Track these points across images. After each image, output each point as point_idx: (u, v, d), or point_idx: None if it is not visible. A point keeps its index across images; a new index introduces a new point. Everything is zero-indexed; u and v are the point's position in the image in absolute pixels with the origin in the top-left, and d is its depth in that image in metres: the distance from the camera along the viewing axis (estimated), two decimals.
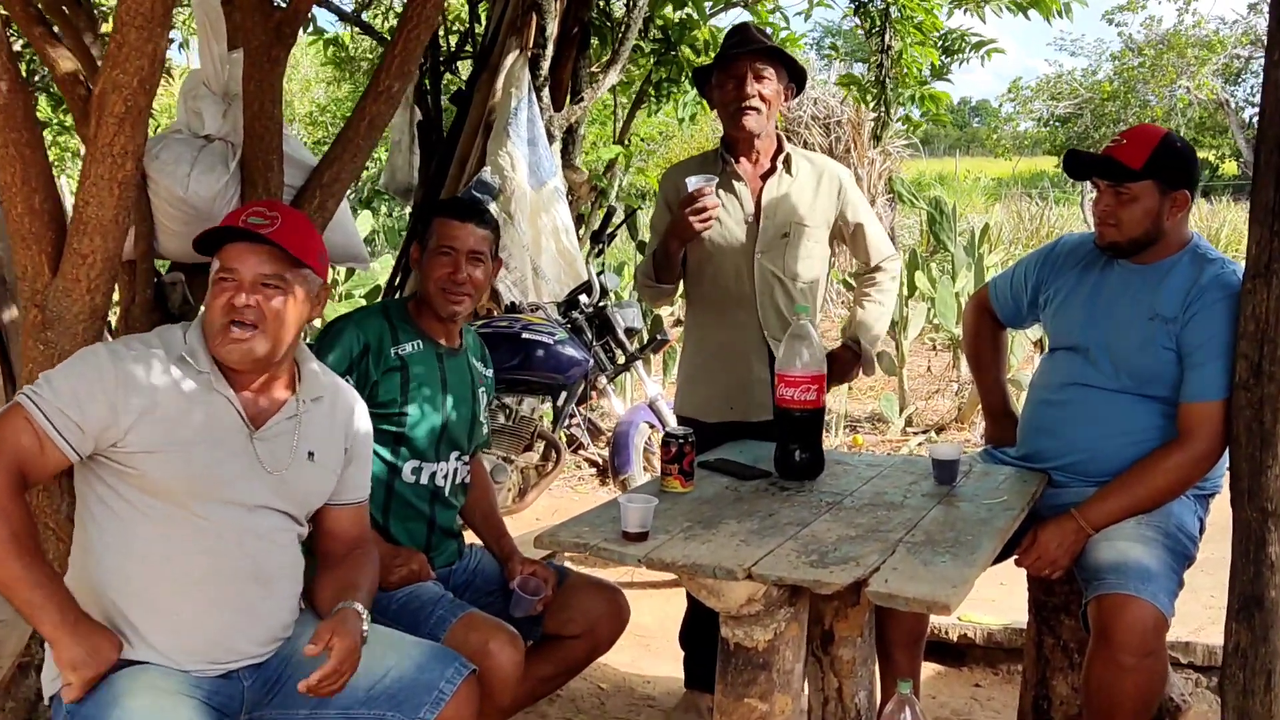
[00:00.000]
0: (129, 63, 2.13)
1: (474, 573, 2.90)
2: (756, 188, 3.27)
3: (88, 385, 2.05)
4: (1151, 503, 2.67)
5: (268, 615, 2.23)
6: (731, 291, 3.23)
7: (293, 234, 2.18)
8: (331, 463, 2.34)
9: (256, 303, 2.14)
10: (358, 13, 6.89)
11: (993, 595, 3.71)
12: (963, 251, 8.48)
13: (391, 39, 2.73)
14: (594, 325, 5.08)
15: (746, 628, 2.25)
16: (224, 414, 2.17)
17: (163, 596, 2.11)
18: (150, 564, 2.11)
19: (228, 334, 2.13)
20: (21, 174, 2.26)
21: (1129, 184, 2.68)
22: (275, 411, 2.25)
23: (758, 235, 3.22)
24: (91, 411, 2.04)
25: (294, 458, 2.25)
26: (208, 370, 2.16)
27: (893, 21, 5.18)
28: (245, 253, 2.15)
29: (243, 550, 2.17)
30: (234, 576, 2.16)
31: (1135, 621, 2.45)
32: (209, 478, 2.13)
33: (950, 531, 2.38)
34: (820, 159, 3.44)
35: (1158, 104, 24.58)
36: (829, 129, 13.18)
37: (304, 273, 2.22)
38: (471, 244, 2.76)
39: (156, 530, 2.11)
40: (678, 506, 2.55)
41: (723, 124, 3.33)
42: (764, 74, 3.21)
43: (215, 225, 2.25)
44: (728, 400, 3.27)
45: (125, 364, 2.09)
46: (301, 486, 2.27)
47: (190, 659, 2.13)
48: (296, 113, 20.54)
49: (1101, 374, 2.77)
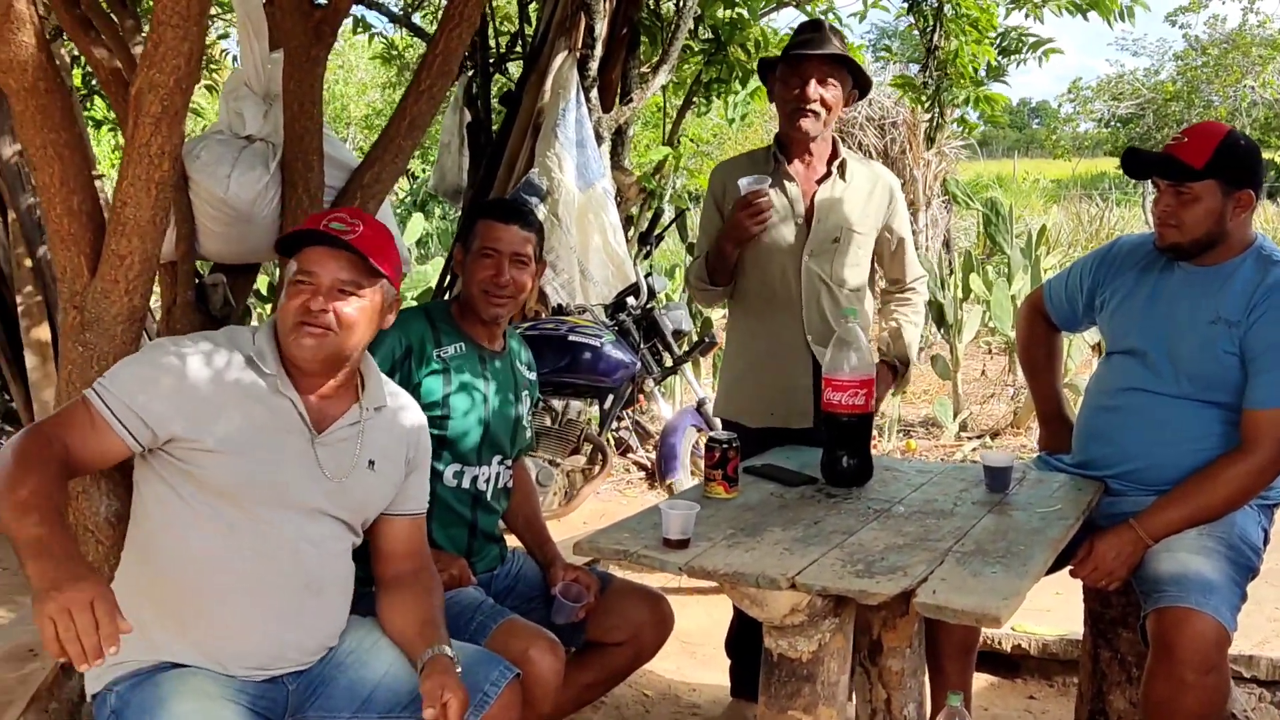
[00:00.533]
0: (165, 62, 2.12)
1: (516, 578, 2.87)
2: (810, 190, 3.20)
3: (153, 378, 2.07)
4: (1213, 513, 2.58)
5: (317, 624, 2.22)
6: (777, 293, 3.17)
7: (373, 243, 2.19)
8: (392, 473, 2.32)
9: (332, 307, 2.15)
10: (407, 14, 6.91)
11: (1048, 605, 3.62)
12: (1019, 254, 8.34)
13: (433, 39, 2.70)
14: (641, 328, 5.05)
15: (790, 638, 2.19)
16: (287, 417, 2.17)
17: (214, 599, 2.10)
18: (205, 566, 2.10)
19: (300, 331, 2.14)
20: (60, 175, 2.25)
21: (1190, 184, 2.59)
22: (338, 418, 2.25)
23: (807, 238, 3.16)
24: (155, 404, 2.05)
25: (355, 465, 2.24)
26: (274, 372, 2.17)
27: (946, 20, 5.09)
28: (325, 257, 2.16)
29: (297, 557, 2.16)
30: (287, 583, 2.15)
31: (1197, 636, 2.37)
32: (268, 480, 2.13)
33: (1002, 541, 2.31)
34: (874, 166, 3.37)
35: (1222, 104, 24.16)
36: (884, 130, 13.07)
37: (380, 282, 2.22)
38: (515, 246, 2.73)
39: (213, 531, 2.10)
40: (721, 513, 2.49)
41: (779, 120, 3.26)
42: (829, 79, 3.13)
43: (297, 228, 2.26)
44: (769, 406, 3.22)
45: (192, 360, 2.11)
46: (360, 495, 2.26)
47: (237, 663, 2.12)
48: (353, 116, 20.75)
49: (1161, 379, 2.69)
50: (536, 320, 4.87)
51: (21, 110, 2.19)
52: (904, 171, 12.57)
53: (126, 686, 2.08)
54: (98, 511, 2.37)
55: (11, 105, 2.21)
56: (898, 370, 3.32)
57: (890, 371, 3.31)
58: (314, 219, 2.22)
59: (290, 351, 2.17)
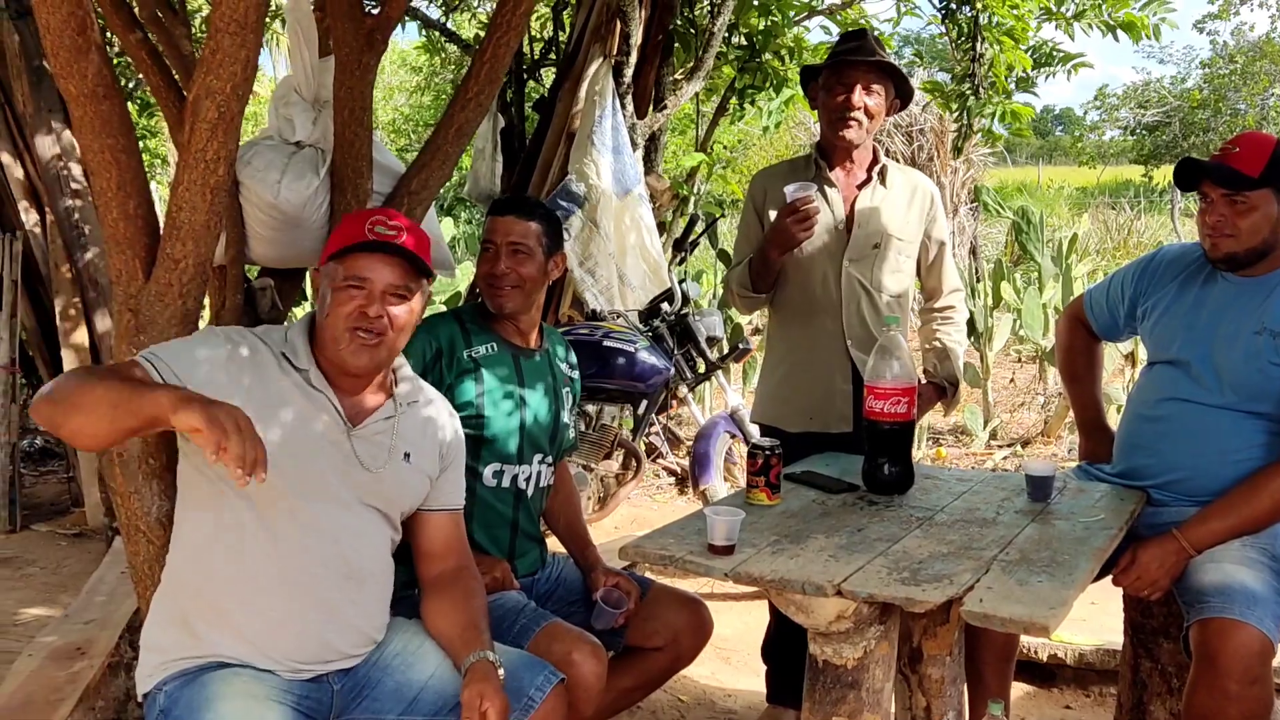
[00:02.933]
0: (222, 69, 2.15)
1: (557, 582, 2.88)
2: (850, 196, 3.21)
3: (202, 355, 2.11)
4: (1258, 524, 2.57)
5: (359, 615, 2.23)
6: (818, 299, 3.18)
7: (419, 246, 2.23)
8: (427, 466, 2.34)
9: (386, 312, 2.18)
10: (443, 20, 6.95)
11: (1084, 614, 3.62)
12: (1050, 262, 8.31)
13: (480, 46, 2.72)
14: (675, 333, 5.05)
15: (835, 645, 2.20)
16: (323, 410, 2.20)
17: (258, 592, 2.13)
18: (247, 560, 2.13)
19: (355, 338, 2.17)
20: (117, 179, 2.28)
21: (1247, 192, 2.59)
22: (373, 412, 2.27)
23: (848, 244, 3.17)
24: (202, 374, 2.08)
25: (390, 457, 2.26)
26: (308, 367, 2.20)
27: (983, 28, 5.09)
28: (376, 262, 2.19)
29: (337, 547, 2.18)
30: (328, 573, 2.18)
31: (1241, 647, 2.36)
32: (307, 472, 2.15)
33: (1046, 550, 2.31)
34: (913, 173, 3.37)
35: (1249, 112, 24.02)
36: (911, 137, 13.07)
37: (423, 283, 2.27)
38: (511, 236, 2.73)
39: (254, 525, 2.13)
40: (764, 520, 2.50)
41: (821, 127, 3.27)
42: (874, 87, 3.14)
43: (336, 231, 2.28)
44: (808, 411, 3.22)
45: (238, 345, 2.16)
46: (396, 486, 2.28)
47: (283, 657, 2.14)
48: (380, 121, 20.82)
49: (1204, 389, 2.68)
50: (571, 326, 4.89)
51: (81, 115, 2.22)
52: (932, 178, 12.55)
53: (175, 686, 2.10)
54: (149, 512, 2.40)
55: (71, 110, 2.24)
56: (946, 391, 3.32)
57: (938, 392, 3.31)
58: (354, 223, 2.23)
59: (342, 358, 2.19)
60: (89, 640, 3.07)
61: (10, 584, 4.64)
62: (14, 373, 5.46)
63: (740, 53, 6.31)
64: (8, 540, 5.23)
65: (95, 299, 5.41)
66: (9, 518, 5.36)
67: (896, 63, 3.24)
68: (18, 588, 4.60)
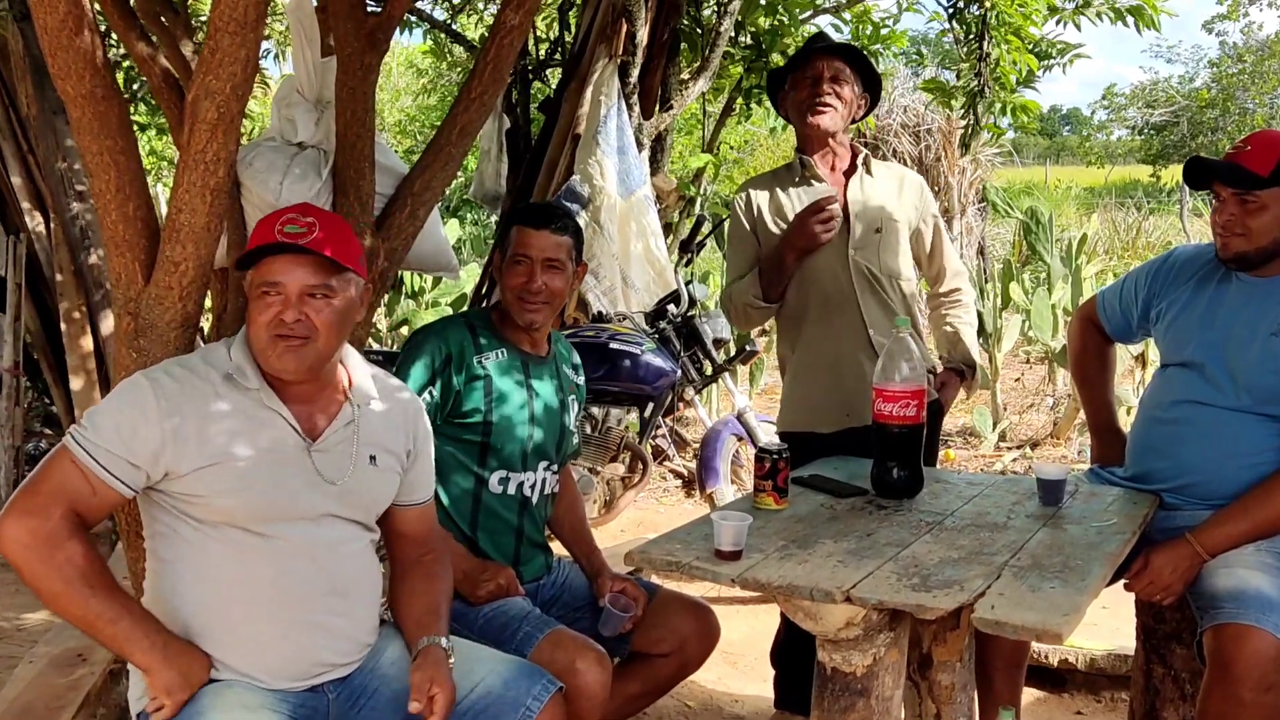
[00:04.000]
0: (222, 69, 2.12)
1: (562, 588, 2.85)
2: (840, 186, 3.20)
3: (131, 418, 2.01)
4: (1272, 528, 2.54)
5: (349, 627, 2.20)
6: (831, 295, 3.14)
7: (333, 239, 2.10)
8: (394, 464, 2.28)
9: (305, 315, 2.08)
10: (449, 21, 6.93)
11: (1095, 619, 3.56)
12: (1059, 263, 8.28)
13: (484, 46, 2.70)
14: (682, 336, 5.03)
15: (844, 652, 2.17)
16: (278, 430, 2.12)
17: (240, 618, 2.08)
18: (223, 587, 2.08)
19: (277, 344, 2.07)
20: (116, 181, 2.26)
21: (1257, 192, 2.56)
22: (331, 420, 2.19)
23: (849, 234, 3.14)
24: (140, 445, 2.00)
25: (354, 464, 2.19)
26: (257, 386, 2.11)
27: (990, 27, 5.06)
28: (287, 265, 2.07)
29: (316, 565, 2.13)
30: (310, 592, 2.13)
31: (1255, 653, 2.32)
32: (269, 497, 2.08)
33: (1058, 555, 2.28)
34: (895, 166, 3.41)
35: (1258, 111, 23.96)
36: (919, 137, 13.01)
37: (348, 277, 2.14)
38: (547, 251, 2.71)
39: (225, 554, 2.07)
40: (771, 525, 2.47)
41: (795, 125, 3.28)
42: (841, 75, 3.16)
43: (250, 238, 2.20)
44: (844, 407, 3.16)
45: (168, 391, 2.04)
46: (365, 493, 2.22)
47: (274, 677, 2.11)
48: (386, 122, 20.84)
49: (1218, 392, 2.65)
50: (577, 328, 4.86)
51: (79, 117, 2.19)
52: (939, 179, 12.51)
53: None
54: None
55: (69, 112, 2.22)
56: (964, 374, 3.29)
57: (957, 376, 3.29)
58: (265, 224, 2.12)
59: (270, 366, 2.11)
60: (90, 647, 3.05)
61: (13, 588, 4.62)
62: (18, 375, 5.45)
63: (747, 53, 6.29)
64: None
65: (100, 301, 5.39)
66: None
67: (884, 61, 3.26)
68: (21, 592, 4.58)
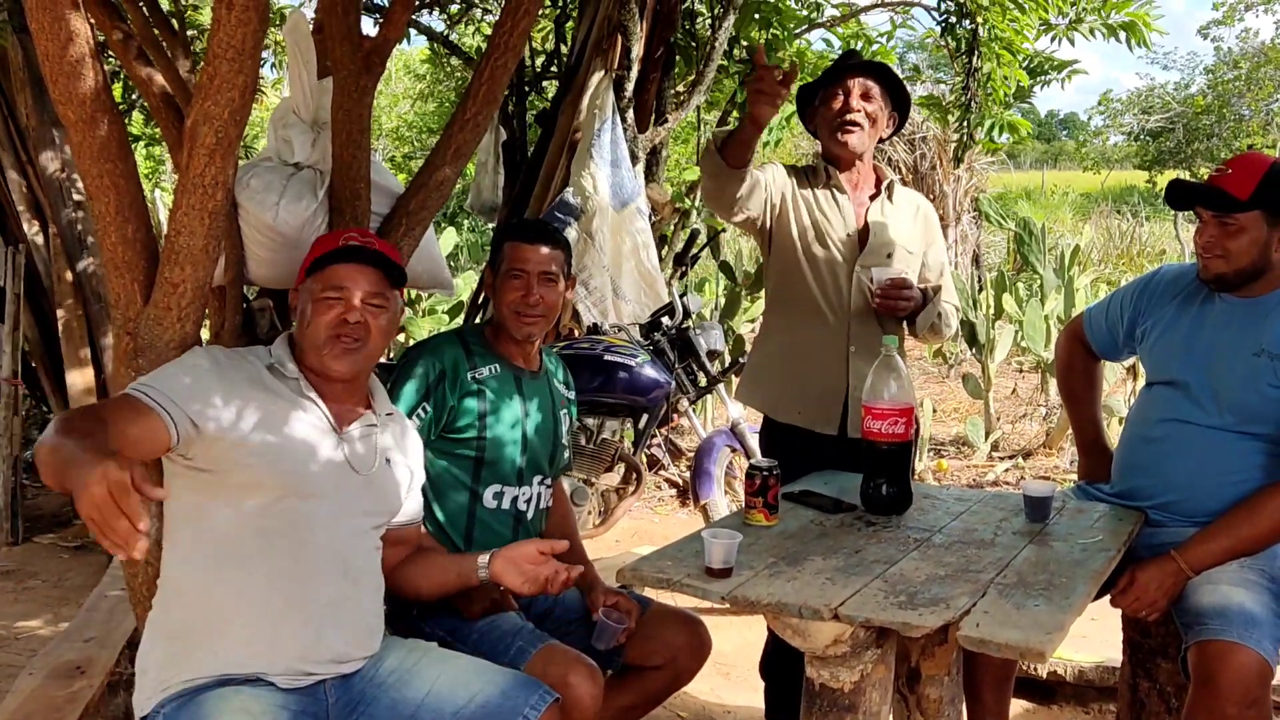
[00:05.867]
0: (220, 94, 2.15)
1: (555, 601, 2.88)
2: (862, 206, 3.23)
3: (192, 376, 2.18)
4: (1256, 545, 2.57)
5: (356, 612, 2.27)
6: (829, 300, 3.17)
7: (391, 254, 2.36)
8: (403, 476, 2.45)
9: (365, 319, 2.30)
10: (446, 32, 6.97)
11: (1084, 631, 3.60)
12: (1052, 274, 8.31)
13: (477, 68, 2.73)
14: (676, 347, 5.05)
15: (832, 669, 2.20)
16: (312, 416, 2.28)
17: (257, 590, 2.17)
18: (244, 561, 2.17)
19: (337, 344, 2.28)
20: (116, 204, 2.29)
21: (1235, 215, 2.59)
22: (356, 419, 2.37)
23: (862, 252, 3.18)
24: (194, 399, 2.14)
25: (378, 460, 2.36)
26: (296, 375, 2.30)
27: (981, 42, 5.10)
28: (353, 272, 2.30)
29: (332, 546, 2.25)
30: (326, 569, 2.23)
31: (1239, 669, 2.36)
32: (300, 474, 2.22)
33: (1043, 573, 2.31)
34: (914, 193, 3.41)
35: (1253, 118, 24.00)
36: (914, 145, 13.05)
37: (396, 294, 2.38)
38: (542, 265, 2.76)
39: (250, 526, 2.18)
40: (761, 541, 2.50)
41: (822, 140, 3.27)
42: (871, 93, 3.17)
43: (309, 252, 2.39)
44: (798, 404, 3.21)
45: (222, 362, 2.25)
46: (383, 489, 2.38)
47: (282, 658, 2.16)
48: (384, 128, 20.86)
49: (1202, 410, 2.68)
50: (572, 339, 4.89)
51: (80, 141, 2.23)
52: (934, 187, 12.55)
53: (173, 707, 2.12)
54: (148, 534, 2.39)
55: (70, 136, 2.25)
56: (927, 295, 3.20)
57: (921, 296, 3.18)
58: (329, 240, 2.37)
59: (324, 364, 2.30)
60: (88, 659, 3.08)
61: (12, 597, 4.65)
62: (16, 385, 5.47)
63: (741, 66, 6.33)
64: (10, 553, 5.24)
65: (98, 311, 5.43)
66: (11, 530, 5.36)
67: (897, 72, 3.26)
68: (20, 600, 4.61)
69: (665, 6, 5.66)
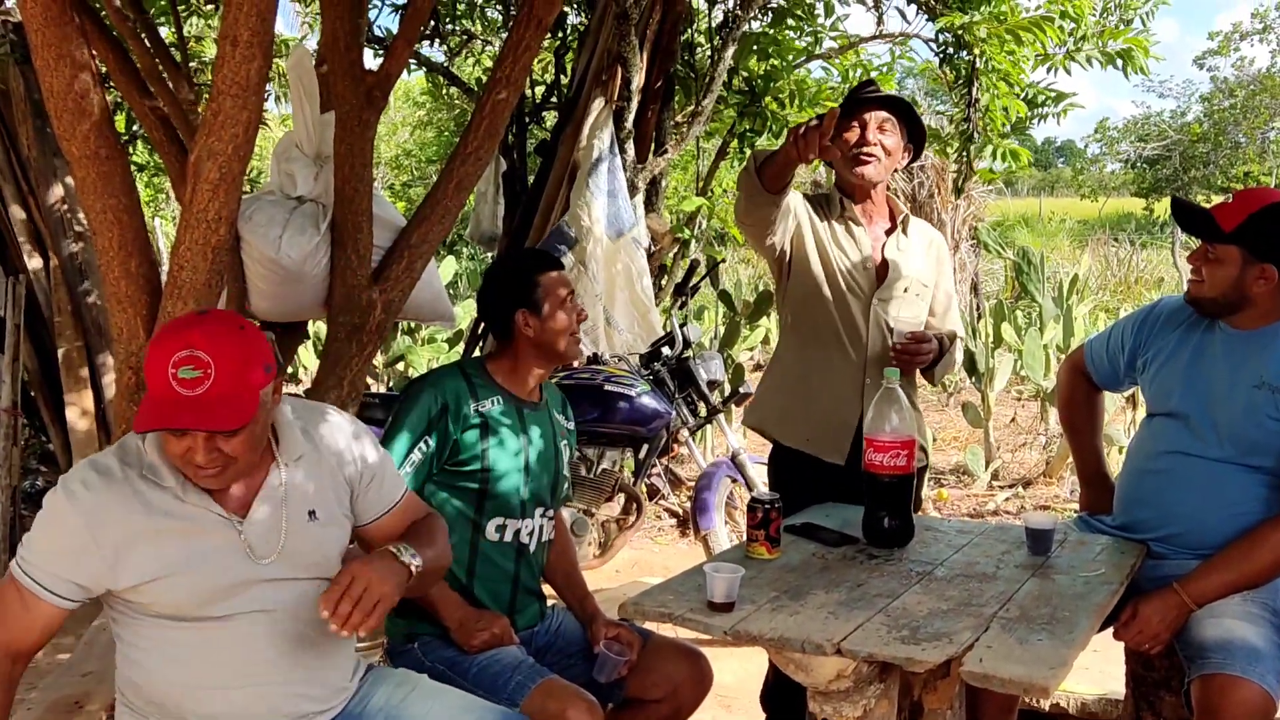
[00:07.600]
0: (224, 130, 2.17)
1: (556, 634, 2.87)
2: (878, 240, 3.25)
3: (67, 541, 2.01)
4: (1259, 578, 2.57)
5: (326, 669, 2.20)
6: (847, 332, 3.19)
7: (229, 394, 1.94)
8: (337, 514, 2.22)
9: (215, 458, 1.99)
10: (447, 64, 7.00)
11: (1086, 663, 3.57)
12: (1051, 302, 8.32)
13: (478, 103, 2.74)
14: (676, 377, 5.05)
15: (835, 704, 2.19)
16: (204, 519, 2.06)
17: (212, 691, 2.09)
18: (190, 667, 2.08)
19: (197, 475, 2.02)
20: (119, 239, 2.30)
21: (1215, 244, 2.62)
22: (257, 491, 2.12)
23: (879, 285, 3.19)
24: (78, 569, 2.02)
25: (289, 529, 2.13)
26: (173, 484, 2.05)
27: (979, 73, 5.13)
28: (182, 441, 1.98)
29: (276, 628, 2.11)
30: (279, 649, 2.12)
31: (1242, 703, 2.35)
32: (213, 586, 2.05)
33: (1046, 607, 2.31)
34: (927, 225, 3.43)
35: (1249, 145, 24.12)
36: (912, 174, 13.08)
37: (252, 413, 2.00)
38: (570, 287, 2.84)
39: (186, 638, 2.07)
40: (763, 575, 2.50)
41: (838, 170, 3.29)
42: (887, 125, 3.18)
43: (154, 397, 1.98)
44: (808, 430, 3.22)
45: (87, 506, 2.01)
46: (312, 550, 2.17)
47: None
48: (383, 156, 20.91)
49: (1203, 442, 2.68)
50: (572, 370, 4.89)
51: (84, 177, 2.24)
52: (932, 215, 12.57)
53: None
54: None
55: (74, 172, 2.27)
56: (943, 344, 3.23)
57: None
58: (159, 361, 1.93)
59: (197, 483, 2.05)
60: (87, 693, 3.06)
61: None
62: (16, 416, 5.46)
63: (741, 97, 6.35)
64: None
65: (99, 342, 5.43)
66: (9, 561, 5.33)
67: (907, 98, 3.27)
68: None
69: (665, 38, 5.69)
